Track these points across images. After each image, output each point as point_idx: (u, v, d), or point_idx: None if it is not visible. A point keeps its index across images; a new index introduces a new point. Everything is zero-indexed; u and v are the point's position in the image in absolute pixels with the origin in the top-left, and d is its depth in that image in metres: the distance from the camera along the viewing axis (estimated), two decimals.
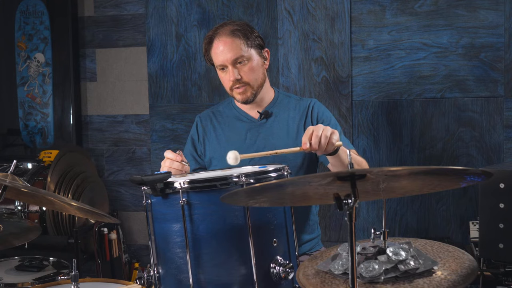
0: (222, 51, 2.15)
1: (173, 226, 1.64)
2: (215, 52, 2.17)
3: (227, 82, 2.20)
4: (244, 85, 2.18)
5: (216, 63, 2.19)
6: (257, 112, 2.27)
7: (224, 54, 2.15)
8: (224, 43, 2.15)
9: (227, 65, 2.16)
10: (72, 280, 1.69)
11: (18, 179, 1.77)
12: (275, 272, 1.64)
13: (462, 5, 2.84)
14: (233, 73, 2.15)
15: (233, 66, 2.15)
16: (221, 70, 2.20)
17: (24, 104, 3.48)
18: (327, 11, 2.97)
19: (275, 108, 2.29)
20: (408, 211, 2.96)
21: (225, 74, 2.19)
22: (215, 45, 2.17)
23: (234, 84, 2.18)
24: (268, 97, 2.30)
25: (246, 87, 2.19)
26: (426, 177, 1.31)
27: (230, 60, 2.14)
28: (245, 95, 2.20)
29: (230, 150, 2.22)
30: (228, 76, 2.17)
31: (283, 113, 2.29)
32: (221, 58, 2.15)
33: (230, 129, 2.30)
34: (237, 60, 2.15)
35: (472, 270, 1.41)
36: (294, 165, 2.19)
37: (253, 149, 2.22)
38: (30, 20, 3.45)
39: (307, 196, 1.42)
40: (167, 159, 2.00)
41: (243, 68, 2.16)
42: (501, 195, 1.95)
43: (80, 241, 2.83)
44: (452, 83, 2.87)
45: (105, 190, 3.23)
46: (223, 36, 2.16)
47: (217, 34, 2.17)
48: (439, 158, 2.91)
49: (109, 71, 3.41)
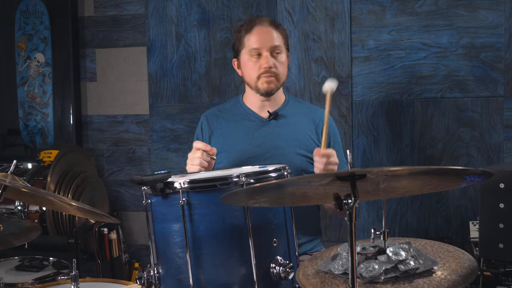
0: (263, 37, 2.20)
1: (173, 226, 1.64)
2: (255, 37, 2.21)
3: (256, 69, 2.22)
4: (273, 75, 2.21)
5: (253, 46, 2.21)
6: (267, 112, 2.28)
7: (264, 39, 2.20)
8: (266, 30, 2.22)
9: (263, 51, 2.20)
10: (72, 280, 1.69)
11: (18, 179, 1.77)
12: (275, 272, 1.64)
13: (462, 5, 2.84)
14: (268, 60, 2.19)
15: (270, 53, 2.20)
16: (252, 56, 2.22)
17: (24, 104, 3.48)
18: (327, 11, 2.97)
19: (285, 111, 2.31)
20: (408, 211, 2.96)
21: (256, 61, 2.21)
22: (256, 30, 2.22)
23: (265, 72, 2.20)
24: (279, 99, 2.33)
25: (274, 78, 2.22)
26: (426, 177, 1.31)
27: (268, 47, 2.20)
28: (271, 85, 2.23)
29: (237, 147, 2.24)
30: (260, 63, 2.20)
31: (293, 117, 2.30)
32: (260, 43, 2.20)
33: (237, 127, 2.30)
34: (275, 49, 2.21)
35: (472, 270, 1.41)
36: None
37: (260, 148, 2.23)
38: (30, 20, 3.45)
39: (307, 196, 1.42)
40: (197, 150, 2.01)
41: (277, 58, 2.22)
42: (501, 195, 1.95)
43: (80, 241, 2.83)
44: (452, 83, 2.87)
45: (105, 190, 3.23)
46: (265, 24, 2.23)
47: (259, 21, 2.24)
48: (439, 158, 2.91)
49: (109, 71, 3.41)
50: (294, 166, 2.19)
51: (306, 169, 2.24)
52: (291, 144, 2.25)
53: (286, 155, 2.22)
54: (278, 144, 2.24)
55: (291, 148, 2.24)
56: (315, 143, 2.29)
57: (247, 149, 2.25)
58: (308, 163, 2.25)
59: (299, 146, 2.25)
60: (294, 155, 2.24)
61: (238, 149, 2.25)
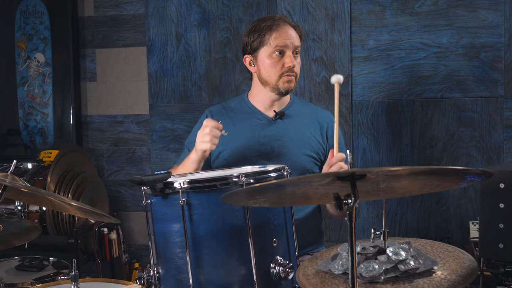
0: (290, 35, 2.20)
1: (173, 226, 1.64)
2: (280, 35, 2.20)
3: (278, 68, 2.20)
4: (293, 74, 2.22)
5: (279, 43, 2.19)
6: (273, 111, 2.28)
7: (290, 38, 2.20)
8: (291, 30, 2.22)
9: (287, 50, 2.19)
10: (72, 280, 1.69)
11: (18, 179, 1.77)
12: (275, 272, 1.64)
13: (462, 5, 2.84)
14: (291, 59, 2.20)
15: (293, 53, 2.21)
16: (274, 54, 2.20)
17: (24, 104, 3.48)
18: (327, 11, 2.97)
19: (291, 111, 2.31)
20: (408, 211, 2.96)
21: (278, 59, 2.20)
22: (282, 28, 2.21)
23: (287, 71, 2.20)
24: (286, 99, 2.33)
25: (294, 77, 2.23)
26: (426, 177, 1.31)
27: (294, 46, 2.20)
28: (291, 84, 2.23)
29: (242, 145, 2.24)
30: (283, 62, 2.20)
31: (298, 117, 2.30)
32: (287, 42, 2.19)
33: (242, 126, 2.29)
34: (297, 49, 2.22)
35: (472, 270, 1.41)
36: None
37: (266, 147, 2.24)
38: (30, 20, 3.45)
39: (307, 196, 1.42)
40: (206, 127, 2.02)
41: (297, 59, 2.23)
42: (501, 195, 1.95)
43: (80, 241, 2.83)
44: (452, 83, 2.87)
45: (105, 190, 3.23)
46: (288, 25, 2.23)
47: (282, 21, 2.23)
48: (439, 158, 2.91)
49: (109, 71, 3.41)
50: (299, 166, 2.19)
51: (311, 169, 2.25)
52: (296, 144, 2.25)
53: (292, 155, 2.23)
54: (284, 143, 2.25)
55: (296, 148, 2.25)
56: (320, 143, 2.29)
57: (253, 148, 2.25)
58: (312, 163, 2.26)
59: (304, 146, 2.25)
60: (299, 155, 2.24)
61: (243, 147, 2.25)
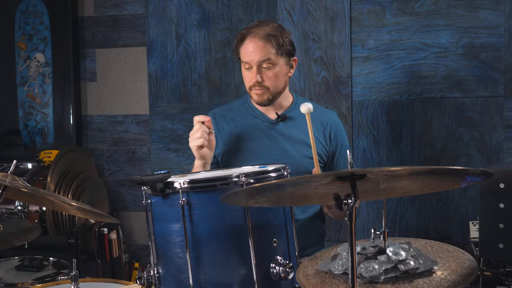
0: (251, 51, 2.17)
1: (173, 226, 1.64)
2: (245, 50, 2.19)
3: (248, 81, 2.23)
4: (263, 88, 2.20)
5: (243, 60, 2.21)
6: (275, 114, 2.28)
7: (252, 54, 2.17)
8: (255, 44, 2.17)
9: (252, 65, 2.18)
10: (72, 280, 1.69)
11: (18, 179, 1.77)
12: (275, 272, 1.64)
13: (462, 5, 2.84)
14: (255, 75, 2.18)
15: (258, 68, 2.17)
16: (245, 68, 2.22)
17: (24, 104, 3.48)
18: (327, 11, 2.97)
19: (293, 113, 2.30)
20: (408, 211, 2.96)
21: (249, 73, 2.21)
22: (246, 43, 2.19)
23: (254, 85, 2.20)
24: (287, 102, 2.32)
25: (265, 90, 2.21)
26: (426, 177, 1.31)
27: (256, 62, 2.17)
28: (261, 97, 2.22)
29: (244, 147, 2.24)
30: (250, 76, 2.20)
31: (301, 119, 2.28)
32: (248, 58, 2.18)
33: (245, 127, 2.29)
34: (263, 63, 2.17)
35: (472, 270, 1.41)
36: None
37: (269, 149, 2.24)
38: (30, 20, 3.45)
39: (307, 196, 1.42)
40: (197, 123, 2.07)
41: (267, 72, 2.19)
42: (501, 195, 1.95)
43: (80, 241, 2.83)
44: (452, 83, 2.87)
45: (105, 190, 3.23)
46: (256, 38, 2.17)
47: (251, 33, 2.19)
48: (439, 158, 2.91)
49: (109, 71, 3.41)
50: (302, 168, 2.18)
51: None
52: (298, 146, 2.25)
53: (294, 157, 2.23)
54: (286, 146, 2.25)
55: (298, 150, 2.25)
56: (323, 145, 2.29)
57: (255, 150, 2.25)
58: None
59: (307, 148, 2.24)
60: (301, 157, 2.24)
61: (245, 149, 2.26)
